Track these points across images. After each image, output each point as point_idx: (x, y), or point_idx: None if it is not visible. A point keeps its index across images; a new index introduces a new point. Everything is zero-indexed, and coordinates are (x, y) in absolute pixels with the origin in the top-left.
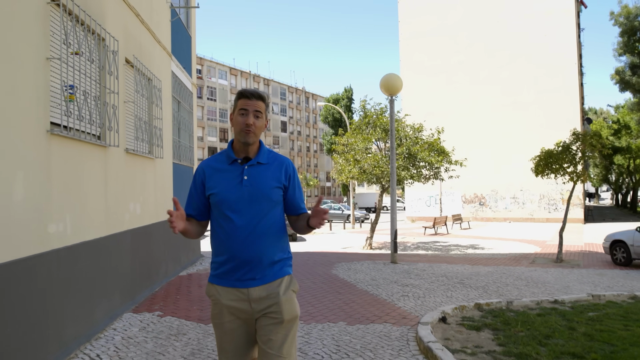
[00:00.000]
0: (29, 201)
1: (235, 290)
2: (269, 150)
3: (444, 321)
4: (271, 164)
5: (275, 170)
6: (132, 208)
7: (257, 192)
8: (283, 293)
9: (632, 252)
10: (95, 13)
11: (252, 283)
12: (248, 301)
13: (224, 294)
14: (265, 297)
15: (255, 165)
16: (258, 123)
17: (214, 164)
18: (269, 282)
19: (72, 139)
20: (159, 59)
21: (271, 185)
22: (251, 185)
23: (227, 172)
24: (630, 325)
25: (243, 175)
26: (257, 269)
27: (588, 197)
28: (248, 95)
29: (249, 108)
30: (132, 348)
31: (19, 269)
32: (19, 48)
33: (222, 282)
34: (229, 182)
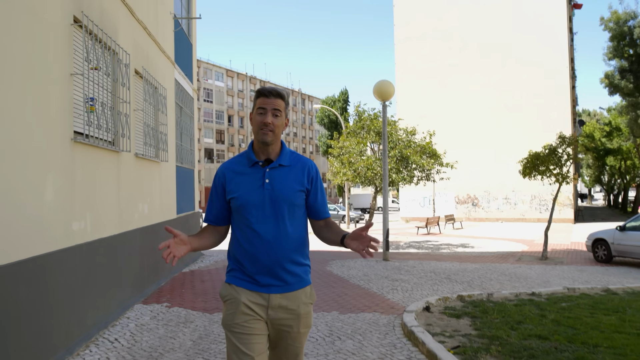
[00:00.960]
0: (57, 201)
1: (255, 294)
2: (291, 151)
3: (428, 310)
4: (294, 166)
5: (298, 173)
6: (140, 208)
7: (279, 195)
8: (303, 309)
9: (612, 250)
10: (110, 30)
11: (274, 289)
12: (266, 307)
13: (243, 293)
14: (285, 309)
15: (277, 167)
16: (277, 122)
17: (234, 166)
18: (290, 292)
19: (91, 145)
20: (164, 68)
21: (294, 188)
22: (273, 189)
23: (248, 175)
24: (596, 313)
25: (264, 178)
26: (279, 275)
27: (580, 198)
28: (266, 93)
29: (267, 107)
30: (146, 333)
31: (50, 261)
32: (48, 65)
33: (241, 283)
34: (249, 185)
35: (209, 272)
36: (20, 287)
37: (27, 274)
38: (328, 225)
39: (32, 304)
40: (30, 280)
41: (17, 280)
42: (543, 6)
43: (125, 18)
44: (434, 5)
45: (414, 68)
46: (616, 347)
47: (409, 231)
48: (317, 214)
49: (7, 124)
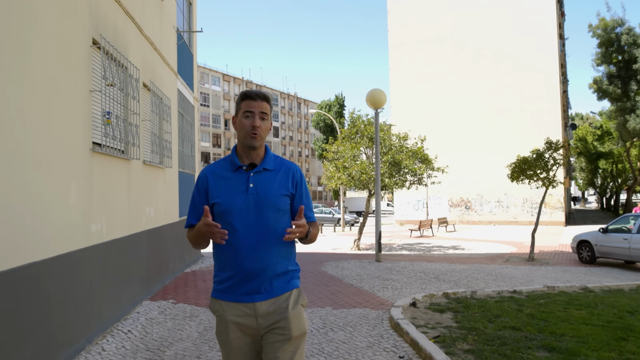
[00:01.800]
0: (79, 205)
1: (241, 306)
2: (275, 155)
3: (414, 305)
4: (278, 170)
5: (283, 177)
6: (147, 211)
7: (263, 200)
8: (292, 308)
9: (595, 251)
10: (122, 48)
11: (258, 297)
12: (255, 316)
13: (228, 309)
14: (273, 312)
15: (261, 171)
16: (264, 125)
17: (217, 170)
18: (276, 296)
19: (106, 154)
20: (168, 79)
21: (278, 193)
22: (257, 194)
23: (232, 179)
24: (569, 308)
25: (248, 182)
26: (264, 281)
27: (573, 201)
28: (252, 96)
29: (255, 110)
30: (156, 326)
31: (73, 259)
32: (71, 84)
33: (226, 297)
34: (233, 190)
35: (209, 273)
36: (50, 281)
37: (56, 270)
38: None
39: (59, 297)
40: (59, 276)
41: (48, 275)
42: (534, 13)
43: (134, 36)
44: (427, 11)
45: (408, 73)
46: (580, 336)
47: (403, 234)
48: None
49: (40, 138)
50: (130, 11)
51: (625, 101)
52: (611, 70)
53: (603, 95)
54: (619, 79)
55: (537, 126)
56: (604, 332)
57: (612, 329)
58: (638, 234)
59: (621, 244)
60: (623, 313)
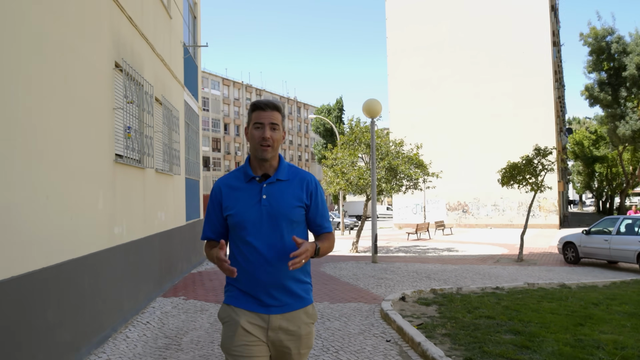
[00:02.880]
0: (104, 210)
1: (255, 314)
2: (290, 164)
3: (403, 300)
4: (292, 180)
5: (296, 188)
6: (159, 216)
7: (276, 212)
8: (304, 330)
9: (579, 252)
10: (138, 67)
11: (274, 310)
12: (266, 329)
13: (242, 314)
14: (285, 330)
15: (274, 182)
16: (275, 136)
17: (230, 182)
18: (291, 311)
19: (126, 164)
20: (176, 92)
21: (292, 204)
22: (270, 205)
23: (245, 190)
24: (542, 301)
25: (262, 194)
26: (279, 294)
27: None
28: (262, 106)
29: (265, 121)
30: (170, 318)
31: (100, 258)
32: (98, 103)
33: (240, 304)
34: (246, 201)
35: (215, 273)
36: (84, 276)
37: (88, 267)
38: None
39: (91, 290)
40: (90, 272)
41: (82, 271)
42: (528, 21)
43: (148, 55)
44: (425, 17)
45: (406, 78)
46: (544, 322)
47: (401, 237)
48: (316, 229)
49: (75, 151)
50: (145, 32)
51: (615, 108)
52: (602, 77)
53: (594, 101)
54: (609, 86)
55: (531, 131)
56: (566, 319)
57: (574, 317)
58: (617, 236)
59: (602, 245)
60: (588, 304)
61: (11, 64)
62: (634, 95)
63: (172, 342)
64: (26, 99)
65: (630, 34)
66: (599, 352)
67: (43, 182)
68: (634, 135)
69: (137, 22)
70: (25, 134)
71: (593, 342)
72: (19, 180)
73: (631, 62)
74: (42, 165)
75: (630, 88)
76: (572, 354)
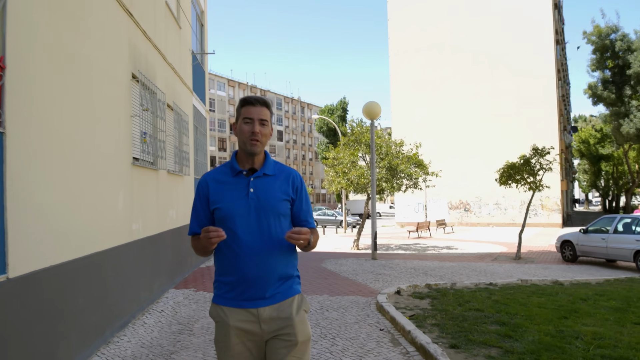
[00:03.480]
0: (124, 209)
1: (244, 311)
2: (275, 161)
3: (399, 293)
4: (278, 175)
5: (283, 182)
6: (171, 214)
7: (263, 205)
8: (296, 313)
9: (577, 250)
10: (152, 76)
11: (261, 302)
12: (258, 322)
13: (231, 315)
14: (277, 318)
15: (261, 176)
16: (264, 131)
17: (217, 176)
18: (279, 302)
19: (142, 167)
20: (185, 97)
21: (278, 197)
22: (257, 198)
23: (232, 184)
24: (532, 296)
25: (249, 187)
26: (267, 286)
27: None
28: (252, 102)
29: (254, 116)
30: (183, 307)
31: (121, 251)
32: (118, 111)
33: (228, 302)
34: (233, 195)
35: None
36: (107, 267)
37: (110, 259)
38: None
39: (113, 280)
40: (112, 264)
41: (106, 262)
42: (531, 20)
43: (160, 64)
44: (426, 18)
45: (407, 79)
46: (530, 315)
47: (402, 235)
48: (300, 224)
49: (100, 156)
50: (157, 44)
51: (619, 106)
52: (606, 75)
53: (598, 100)
54: (613, 84)
55: (533, 131)
56: (552, 312)
57: (561, 310)
58: (614, 234)
59: (599, 243)
60: (576, 300)
61: (52, 83)
62: (638, 93)
63: (185, 328)
64: (61, 111)
65: (635, 31)
66: (577, 342)
67: (73, 184)
68: (639, 134)
69: (150, 34)
70: (61, 143)
71: (573, 333)
72: (56, 182)
73: (636, 59)
74: (73, 169)
75: (634, 86)
76: (551, 342)
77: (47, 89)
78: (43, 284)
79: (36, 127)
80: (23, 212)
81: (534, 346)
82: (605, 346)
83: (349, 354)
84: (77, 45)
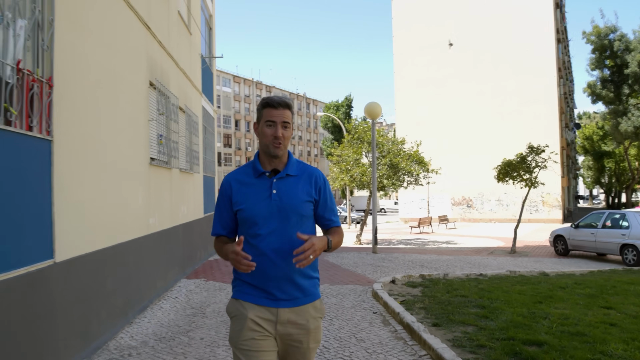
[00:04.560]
0: (143, 204)
1: (263, 309)
2: (298, 161)
3: (394, 282)
4: (301, 175)
5: (305, 183)
6: (182, 209)
7: (286, 206)
8: (312, 324)
9: (569, 244)
10: (166, 82)
11: (283, 303)
12: (275, 322)
13: (250, 309)
14: (294, 324)
15: (284, 177)
16: (287, 134)
17: (240, 177)
18: (299, 306)
19: (157, 166)
20: (195, 99)
21: (302, 199)
22: (280, 200)
23: (255, 186)
24: (515, 285)
25: (272, 189)
26: (288, 288)
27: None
28: (274, 104)
29: (277, 119)
30: (194, 295)
31: (140, 243)
32: (138, 116)
33: (249, 298)
34: (256, 196)
35: None
36: (129, 257)
37: (132, 250)
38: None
39: (134, 268)
40: (133, 254)
41: (128, 252)
42: (532, 19)
43: (173, 70)
44: (430, 17)
45: (411, 77)
46: (509, 301)
47: (404, 230)
48: (324, 224)
49: (123, 156)
50: (171, 52)
51: (617, 104)
52: (604, 74)
53: (597, 98)
54: (612, 83)
55: (535, 128)
56: (529, 298)
57: (537, 296)
58: (602, 229)
59: (589, 237)
60: (555, 288)
61: (87, 96)
62: (636, 92)
63: (198, 312)
64: (94, 119)
65: (634, 31)
66: (544, 321)
67: (103, 182)
68: (636, 132)
69: (165, 44)
70: (94, 146)
71: (543, 314)
72: (88, 181)
73: (633, 59)
74: (102, 169)
75: (632, 85)
76: (521, 321)
77: (83, 100)
78: (80, 268)
79: (75, 134)
80: (65, 207)
81: (505, 324)
82: (567, 324)
83: (344, 332)
84: (106, 62)
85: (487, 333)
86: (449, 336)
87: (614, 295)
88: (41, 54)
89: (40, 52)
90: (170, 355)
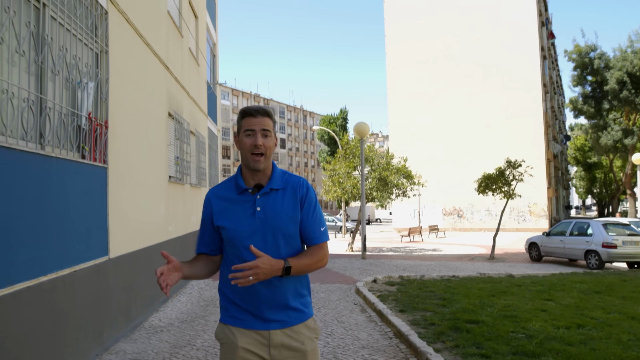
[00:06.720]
0: (164, 215)
1: (254, 333)
2: (283, 171)
3: (375, 282)
4: (286, 188)
5: (290, 197)
6: (192, 219)
7: (272, 224)
8: (309, 345)
9: (541, 251)
10: (180, 111)
11: (273, 325)
12: (268, 346)
13: (240, 336)
14: (288, 347)
15: (268, 193)
16: (268, 143)
17: (221, 193)
18: (291, 326)
19: (174, 182)
20: (202, 122)
21: (287, 214)
22: (265, 217)
23: (237, 203)
24: (480, 284)
25: (255, 206)
26: (278, 309)
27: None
28: (252, 112)
29: (256, 127)
30: (206, 291)
31: (163, 246)
32: (160, 142)
33: (237, 322)
34: (240, 214)
35: None
36: (155, 258)
37: (156, 253)
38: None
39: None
40: (157, 256)
41: (154, 254)
42: (518, 36)
43: (186, 100)
44: (421, 34)
45: (404, 90)
46: (468, 295)
47: (396, 239)
48: (308, 241)
49: (150, 176)
50: (184, 84)
51: (598, 119)
52: (586, 90)
53: (579, 113)
54: (592, 99)
55: (522, 141)
56: (486, 293)
57: (493, 292)
58: (570, 237)
59: (558, 244)
60: (513, 285)
61: (128, 130)
62: (615, 107)
63: (210, 303)
64: (132, 147)
65: (613, 49)
66: (489, 309)
67: (136, 197)
68: (616, 145)
69: (179, 78)
70: (131, 169)
71: (491, 304)
72: (127, 196)
73: (612, 76)
74: (136, 186)
75: (611, 101)
76: (470, 308)
77: (125, 133)
78: (124, 264)
79: (120, 161)
80: (115, 217)
81: (457, 310)
82: (507, 310)
83: (329, 317)
84: (139, 101)
85: (440, 316)
86: (410, 318)
87: (560, 291)
88: (100, 104)
89: (100, 103)
90: (193, 331)
